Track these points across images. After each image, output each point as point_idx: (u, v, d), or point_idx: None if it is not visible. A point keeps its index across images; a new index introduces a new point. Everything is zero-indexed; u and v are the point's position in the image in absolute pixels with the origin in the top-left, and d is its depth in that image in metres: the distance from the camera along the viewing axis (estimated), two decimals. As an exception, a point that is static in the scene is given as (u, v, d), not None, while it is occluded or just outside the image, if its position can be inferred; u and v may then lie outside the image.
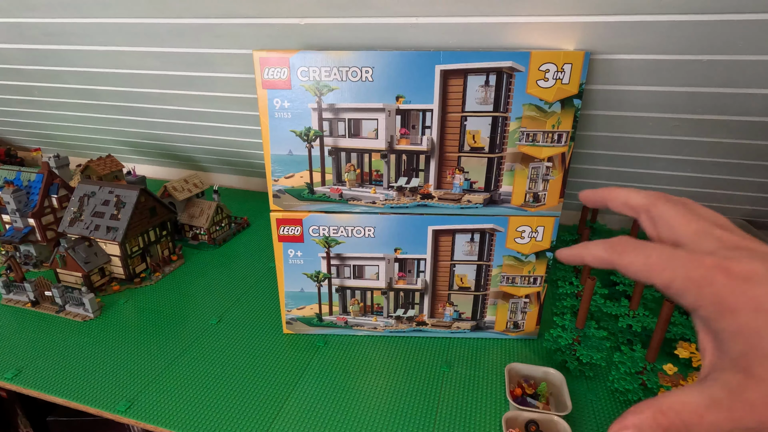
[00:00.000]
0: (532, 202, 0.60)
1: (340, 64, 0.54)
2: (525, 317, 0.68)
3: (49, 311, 0.76)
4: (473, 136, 0.56)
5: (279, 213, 0.62)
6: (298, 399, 0.59)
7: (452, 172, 0.59)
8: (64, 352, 0.67)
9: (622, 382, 0.57)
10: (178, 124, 1.06)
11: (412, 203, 0.61)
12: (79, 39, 0.81)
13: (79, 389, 0.60)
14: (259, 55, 0.54)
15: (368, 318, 0.69)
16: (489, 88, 0.54)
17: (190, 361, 0.65)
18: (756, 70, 0.54)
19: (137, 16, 0.71)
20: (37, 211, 0.86)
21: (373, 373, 0.63)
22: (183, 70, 0.83)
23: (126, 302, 0.79)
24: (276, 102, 0.56)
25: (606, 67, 0.59)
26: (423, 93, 0.54)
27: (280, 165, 0.59)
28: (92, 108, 1.08)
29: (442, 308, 0.68)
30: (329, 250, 0.64)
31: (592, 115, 0.69)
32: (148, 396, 0.59)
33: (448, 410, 0.57)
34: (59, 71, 0.94)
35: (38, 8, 0.74)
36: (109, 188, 0.84)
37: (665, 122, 0.68)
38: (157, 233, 0.89)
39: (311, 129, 0.57)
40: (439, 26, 0.58)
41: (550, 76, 0.53)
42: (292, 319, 0.70)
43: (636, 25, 0.52)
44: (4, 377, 0.62)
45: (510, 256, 0.63)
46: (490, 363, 0.65)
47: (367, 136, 0.57)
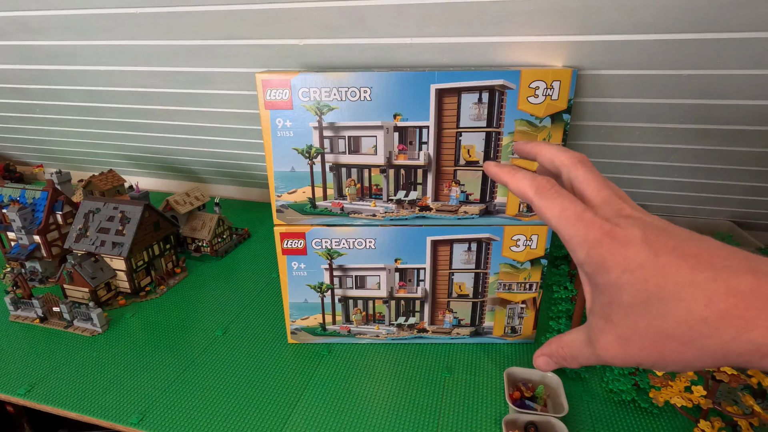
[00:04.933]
0: (526, 212, 0.62)
1: (340, 84, 0.56)
2: (522, 322, 0.70)
3: (57, 327, 0.78)
4: (468, 150, 0.59)
5: (283, 227, 0.65)
6: (305, 407, 0.61)
7: (449, 185, 0.61)
8: (75, 366, 0.69)
9: (616, 383, 0.60)
10: (179, 139, 1.08)
11: (410, 215, 0.63)
12: (82, 60, 0.83)
13: (91, 403, 0.62)
14: (262, 77, 0.56)
15: (371, 326, 0.71)
16: (482, 105, 0.56)
17: (198, 372, 0.67)
18: (732, 83, 0.57)
19: (140, 39, 0.73)
20: (43, 227, 0.88)
21: (376, 380, 0.66)
22: (184, 88, 0.85)
23: (132, 316, 0.81)
24: (278, 121, 0.58)
25: (593, 81, 0.62)
26: (419, 111, 0.57)
27: (283, 181, 0.62)
28: (93, 124, 1.09)
29: (441, 315, 0.70)
30: (332, 261, 0.66)
31: (582, 125, 0.72)
32: (159, 408, 0.61)
33: (450, 414, 0.59)
34: (61, 90, 0.96)
35: (43, 32, 0.76)
36: (113, 204, 0.85)
37: (651, 131, 0.71)
38: (161, 247, 0.91)
39: (313, 146, 0.59)
40: (433, 46, 0.61)
41: (540, 93, 0.56)
42: (297, 329, 0.72)
43: (619, 44, 0.55)
44: (17, 393, 0.63)
45: (506, 263, 0.66)
46: (489, 367, 0.68)
47: (367, 152, 0.59)
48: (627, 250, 0.20)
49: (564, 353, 0.25)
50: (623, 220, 0.21)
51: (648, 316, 0.20)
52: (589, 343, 0.23)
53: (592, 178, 0.25)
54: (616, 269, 0.21)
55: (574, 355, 0.24)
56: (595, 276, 0.22)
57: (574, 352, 0.24)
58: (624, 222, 0.21)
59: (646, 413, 0.59)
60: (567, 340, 0.25)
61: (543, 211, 0.24)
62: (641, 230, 0.21)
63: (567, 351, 0.24)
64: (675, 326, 0.19)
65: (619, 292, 0.21)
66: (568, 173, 0.26)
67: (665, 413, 0.59)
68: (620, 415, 0.59)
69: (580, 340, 0.24)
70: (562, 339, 0.25)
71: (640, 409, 0.59)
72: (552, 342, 0.26)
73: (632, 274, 0.20)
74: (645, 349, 0.20)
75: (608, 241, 0.21)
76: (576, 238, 0.22)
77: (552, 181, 0.24)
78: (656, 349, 0.20)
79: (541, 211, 0.24)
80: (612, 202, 0.23)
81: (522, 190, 0.25)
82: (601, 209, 0.23)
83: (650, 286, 0.20)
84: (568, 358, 0.24)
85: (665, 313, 0.19)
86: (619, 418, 0.58)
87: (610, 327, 0.21)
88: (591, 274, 0.22)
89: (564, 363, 0.25)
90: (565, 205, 0.23)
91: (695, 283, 0.19)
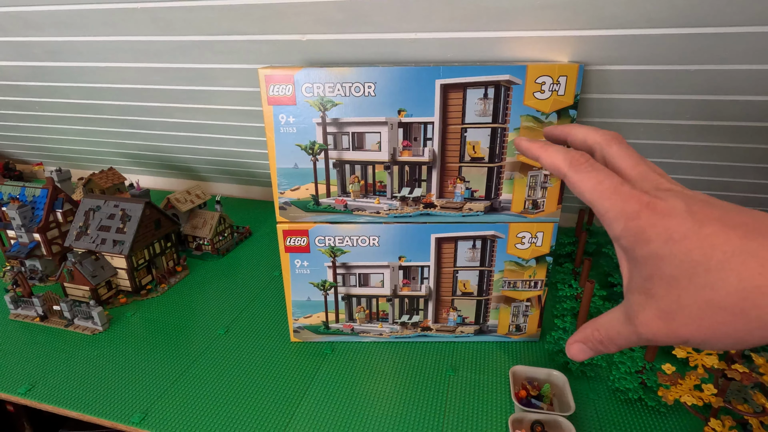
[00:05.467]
0: (532, 209, 0.62)
1: (344, 79, 0.55)
2: (527, 320, 0.70)
3: (57, 325, 0.77)
4: (473, 146, 0.58)
5: (285, 224, 0.64)
6: (308, 406, 0.60)
7: (453, 182, 0.60)
8: (76, 365, 0.68)
9: (623, 382, 0.59)
10: (180, 136, 1.07)
11: (415, 212, 0.62)
12: (82, 56, 0.82)
13: (93, 402, 0.61)
14: (265, 72, 0.55)
15: (374, 325, 0.71)
16: (488, 101, 0.56)
17: (201, 371, 0.66)
18: (739, 78, 0.57)
19: (141, 35, 0.72)
20: (43, 226, 0.87)
21: (380, 378, 0.65)
22: (185, 85, 0.85)
23: (133, 314, 0.80)
24: (281, 117, 0.58)
25: (599, 77, 0.61)
26: (424, 106, 0.56)
27: (286, 178, 0.61)
28: (93, 122, 1.09)
29: (446, 313, 0.70)
30: (335, 259, 0.66)
31: (588, 122, 0.72)
32: (161, 407, 0.60)
33: (455, 413, 0.59)
34: (61, 87, 0.95)
35: (41, 27, 0.75)
36: (114, 202, 0.85)
37: (656, 127, 0.70)
38: (162, 245, 0.90)
39: (316, 143, 0.59)
40: (438, 41, 0.60)
41: (546, 88, 0.55)
42: (300, 328, 0.71)
43: (625, 38, 0.54)
44: (18, 392, 0.63)
45: (511, 261, 0.65)
46: (494, 366, 0.67)
47: (371, 148, 0.59)
48: (669, 221, 0.20)
49: (600, 336, 0.23)
50: (663, 192, 0.21)
51: (694, 288, 0.19)
52: (628, 321, 0.22)
53: (627, 154, 0.24)
54: (657, 240, 0.20)
55: (611, 337, 0.23)
56: (634, 249, 0.21)
57: (612, 334, 0.23)
58: (664, 194, 0.21)
59: (654, 412, 0.58)
60: (602, 322, 0.23)
61: (577, 185, 0.23)
62: (683, 201, 0.20)
63: (603, 333, 0.23)
64: (725, 297, 0.18)
65: (661, 263, 0.20)
66: (602, 151, 0.25)
67: (673, 412, 0.58)
68: (627, 413, 0.58)
69: (617, 320, 0.23)
70: (597, 322, 0.24)
71: (648, 408, 0.59)
72: (586, 326, 0.24)
73: (675, 245, 0.19)
74: (691, 323, 0.19)
75: (648, 212, 0.20)
76: (612, 211, 0.21)
77: (586, 155, 0.24)
78: (704, 322, 0.19)
79: (576, 185, 0.23)
80: (649, 176, 0.22)
81: (555, 164, 0.25)
82: (639, 183, 0.22)
83: (695, 257, 0.19)
84: (606, 341, 0.23)
85: (714, 283, 0.18)
86: (627, 416, 0.58)
87: (651, 302, 0.20)
88: (629, 248, 0.21)
89: (600, 347, 0.24)
90: (600, 178, 0.22)
91: (747, 251, 0.18)
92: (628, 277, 0.22)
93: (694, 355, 0.48)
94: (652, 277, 0.20)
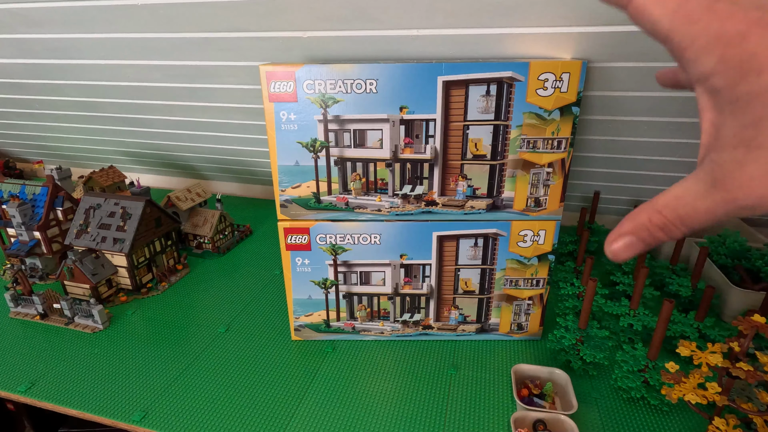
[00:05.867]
0: (534, 207, 0.61)
1: (345, 76, 0.55)
2: (528, 319, 0.69)
3: (58, 324, 0.77)
4: (475, 144, 0.58)
5: (286, 222, 0.64)
6: (309, 405, 0.60)
7: (455, 179, 0.60)
8: (76, 363, 0.68)
9: (625, 380, 0.59)
10: (180, 134, 1.07)
11: (416, 210, 0.62)
12: (82, 53, 0.82)
13: (93, 401, 0.61)
14: (266, 69, 0.55)
15: (375, 323, 0.71)
16: (490, 98, 0.55)
17: (201, 370, 0.66)
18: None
19: (141, 31, 0.72)
20: (43, 224, 0.87)
21: (381, 377, 0.65)
22: (185, 82, 0.84)
23: (134, 313, 0.80)
24: (282, 114, 0.57)
25: (602, 74, 0.61)
26: (426, 103, 0.56)
27: (287, 175, 0.61)
28: (94, 120, 1.08)
29: (447, 312, 0.69)
30: (336, 257, 0.65)
31: (590, 120, 0.71)
32: (161, 405, 0.60)
33: (457, 412, 0.59)
34: (61, 84, 0.95)
35: (42, 25, 0.75)
36: (114, 200, 0.84)
37: (658, 125, 0.70)
38: (163, 243, 0.90)
39: (317, 140, 0.58)
40: (440, 38, 0.60)
41: (548, 85, 0.55)
42: (301, 326, 0.71)
43: (629, 35, 0.54)
44: (18, 390, 0.62)
45: (513, 259, 0.65)
46: (495, 364, 0.67)
47: (372, 146, 0.58)
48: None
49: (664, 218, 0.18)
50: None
51: None
52: (713, 190, 0.17)
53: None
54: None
55: (682, 217, 0.18)
56: (735, 86, 0.16)
57: (685, 212, 0.17)
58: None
59: (657, 411, 0.58)
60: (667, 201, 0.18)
61: (649, 9, 0.17)
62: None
63: (671, 214, 0.18)
64: None
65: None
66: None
67: (675, 411, 0.58)
68: (630, 412, 0.58)
69: (692, 193, 0.17)
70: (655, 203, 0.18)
71: (650, 407, 0.58)
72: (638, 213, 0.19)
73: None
74: None
75: (759, 31, 0.15)
76: (702, 38, 0.16)
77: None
78: None
79: (647, 8, 0.17)
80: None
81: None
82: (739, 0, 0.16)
83: None
84: (672, 224, 0.18)
85: None
86: (629, 415, 0.57)
87: (757, 154, 0.16)
88: (726, 87, 0.16)
89: (660, 235, 0.18)
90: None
91: None
92: (714, 132, 0.17)
93: (698, 354, 0.48)
94: (762, 121, 0.15)
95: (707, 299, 0.64)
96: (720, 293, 0.74)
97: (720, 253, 0.80)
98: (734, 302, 0.71)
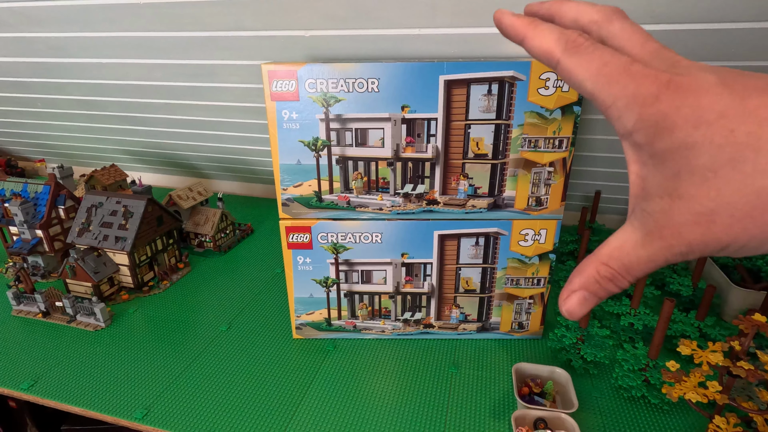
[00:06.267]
0: (535, 206, 0.62)
1: (347, 75, 0.55)
2: (529, 318, 0.70)
3: (60, 321, 0.77)
4: (477, 143, 0.58)
5: (288, 221, 0.64)
6: (310, 403, 0.60)
7: (457, 179, 0.60)
8: (78, 361, 0.68)
9: (626, 379, 0.59)
10: (182, 133, 1.07)
11: (418, 209, 0.62)
12: (84, 52, 0.82)
13: (95, 398, 0.61)
14: (268, 68, 0.55)
15: (376, 322, 0.71)
16: (492, 97, 0.55)
17: (203, 367, 0.66)
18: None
19: (143, 30, 0.72)
20: (45, 222, 0.87)
21: (382, 375, 0.65)
22: (187, 81, 0.85)
23: (136, 311, 0.80)
24: (284, 113, 0.57)
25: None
26: (428, 102, 0.56)
27: (288, 174, 0.61)
28: (96, 118, 1.09)
29: (448, 311, 0.69)
30: (337, 256, 0.66)
31: (591, 119, 0.71)
32: (163, 403, 0.60)
33: (458, 410, 0.59)
34: (63, 83, 0.95)
35: (45, 23, 0.75)
36: (116, 198, 0.85)
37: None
38: (164, 242, 0.90)
39: (319, 139, 0.58)
40: (442, 37, 0.60)
41: (550, 84, 0.55)
42: (302, 325, 0.71)
43: (632, 34, 0.54)
44: (21, 387, 0.63)
45: (514, 258, 0.65)
46: (496, 363, 0.67)
47: (374, 145, 0.59)
48: (698, 99, 0.16)
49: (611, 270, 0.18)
50: (684, 68, 0.17)
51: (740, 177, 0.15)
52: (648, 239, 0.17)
53: (633, 30, 0.19)
54: (685, 125, 0.16)
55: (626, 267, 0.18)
56: (653, 143, 0.17)
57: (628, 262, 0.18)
58: (686, 70, 0.16)
59: (657, 409, 0.58)
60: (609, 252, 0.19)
61: (575, 71, 0.18)
62: (714, 74, 0.16)
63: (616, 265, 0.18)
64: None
65: (692, 153, 0.16)
66: (600, 31, 0.20)
67: (676, 409, 0.58)
68: (630, 411, 0.58)
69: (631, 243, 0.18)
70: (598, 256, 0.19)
71: (651, 406, 0.59)
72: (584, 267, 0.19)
73: (710, 127, 0.15)
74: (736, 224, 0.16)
75: (669, 93, 0.16)
76: (623, 98, 0.17)
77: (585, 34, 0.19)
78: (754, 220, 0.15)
79: (573, 71, 0.18)
80: (663, 54, 0.18)
81: (546, 47, 0.19)
82: (653, 62, 0.17)
83: (739, 137, 0.15)
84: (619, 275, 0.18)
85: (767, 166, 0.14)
86: (630, 414, 0.58)
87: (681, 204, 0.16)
88: (646, 143, 0.17)
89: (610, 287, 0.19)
90: (606, 58, 0.18)
91: None
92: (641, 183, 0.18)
93: (699, 352, 0.48)
94: (680, 173, 0.16)
95: (708, 299, 0.65)
96: (721, 293, 0.74)
97: (721, 252, 0.80)
98: (735, 302, 0.71)
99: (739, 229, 0.16)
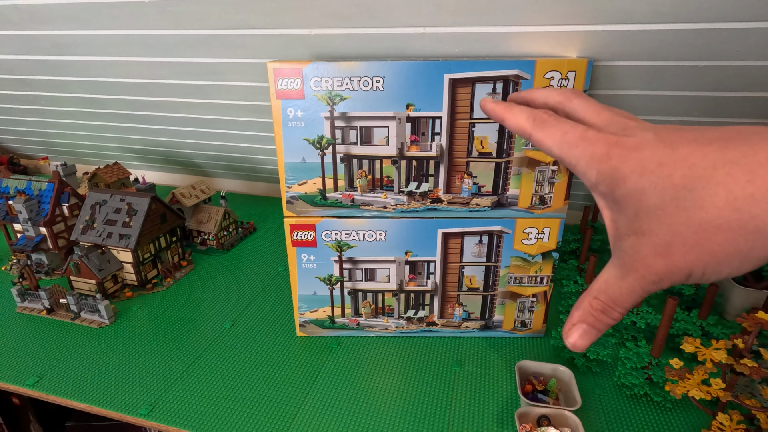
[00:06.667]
0: (539, 205, 0.62)
1: (352, 74, 0.55)
2: (532, 316, 0.70)
3: (64, 318, 0.77)
4: (481, 141, 0.58)
5: (292, 219, 0.64)
6: (314, 400, 0.60)
7: (461, 177, 0.60)
8: (83, 358, 0.68)
9: (629, 377, 0.59)
10: (185, 131, 1.07)
11: (422, 207, 0.62)
12: (88, 50, 0.82)
13: (101, 395, 0.61)
14: (273, 66, 0.55)
15: (380, 319, 0.71)
16: (496, 96, 0.56)
17: (207, 365, 0.67)
18: (750, 75, 0.57)
19: (147, 28, 0.72)
20: (49, 219, 0.88)
21: (386, 373, 0.65)
22: (191, 79, 0.85)
23: (139, 308, 0.81)
24: (289, 111, 0.58)
25: (608, 73, 0.61)
26: (432, 101, 0.56)
27: (293, 172, 0.61)
28: (99, 116, 1.09)
29: (451, 309, 0.70)
30: (341, 254, 0.66)
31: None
32: (168, 399, 0.60)
33: (461, 408, 0.59)
34: (66, 81, 0.95)
35: (49, 21, 0.75)
36: (120, 196, 0.85)
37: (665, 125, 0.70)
38: (168, 239, 0.91)
39: (324, 137, 0.59)
40: (447, 36, 0.60)
41: (555, 83, 0.55)
42: (306, 322, 0.72)
43: (635, 34, 0.54)
44: (26, 384, 0.63)
45: (517, 257, 0.65)
46: (499, 361, 0.67)
47: (379, 143, 0.59)
48: (641, 153, 0.19)
49: (601, 303, 0.21)
50: (630, 130, 0.20)
51: (682, 212, 0.18)
52: (626, 272, 0.20)
53: (588, 104, 0.23)
54: (633, 174, 0.19)
55: (613, 299, 0.21)
56: (612, 192, 0.20)
57: (615, 295, 0.21)
58: (631, 131, 0.20)
59: (660, 407, 0.58)
60: (599, 288, 0.21)
61: (544, 142, 0.23)
62: (651, 132, 0.19)
63: (605, 298, 0.21)
64: (717, 214, 0.17)
65: (643, 196, 0.19)
66: (564, 108, 0.25)
67: (678, 407, 0.58)
68: (633, 409, 0.58)
69: (614, 278, 0.21)
70: (590, 293, 0.22)
71: (653, 403, 0.59)
72: (579, 304, 0.22)
73: (652, 174, 0.18)
74: (689, 252, 0.18)
75: (618, 151, 0.20)
76: (583, 159, 0.21)
77: (550, 112, 0.23)
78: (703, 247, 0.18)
79: (542, 141, 0.23)
80: (615, 120, 0.22)
81: (519, 125, 0.24)
82: (606, 128, 0.21)
83: (676, 180, 0.18)
84: (609, 307, 0.21)
85: (702, 201, 0.17)
86: (632, 412, 0.58)
87: (643, 240, 0.19)
88: (607, 193, 0.20)
89: (605, 319, 0.21)
90: (566, 129, 0.22)
91: (729, 161, 0.17)
92: (614, 226, 0.21)
93: (702, 350, 0.48)
94: (638, 213, 0.19)
95: (710, 297, 0.65)
96: (723, 291, 0.74)
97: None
98: (737, 301, 0.71)
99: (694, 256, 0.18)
